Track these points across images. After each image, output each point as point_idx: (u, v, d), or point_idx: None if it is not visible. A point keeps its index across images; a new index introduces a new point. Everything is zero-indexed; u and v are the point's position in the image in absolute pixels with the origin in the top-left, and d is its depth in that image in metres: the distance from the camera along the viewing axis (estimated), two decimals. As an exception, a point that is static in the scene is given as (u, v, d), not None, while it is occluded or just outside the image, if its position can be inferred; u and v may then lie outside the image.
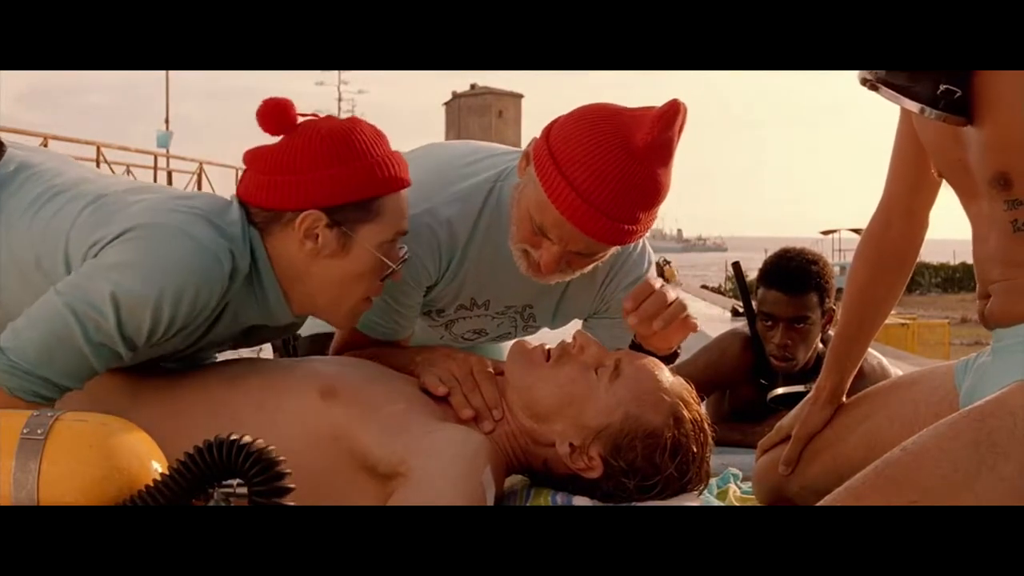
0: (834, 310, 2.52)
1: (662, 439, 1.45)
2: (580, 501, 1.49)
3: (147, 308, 1.32)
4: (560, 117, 1.54)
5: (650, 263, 1.80)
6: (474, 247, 1.66)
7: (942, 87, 1.30)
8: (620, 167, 1.44)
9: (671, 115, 1.46)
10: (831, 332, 2.40)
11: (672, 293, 1.52)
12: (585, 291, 1.77)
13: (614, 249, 1.58)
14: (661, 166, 1.48)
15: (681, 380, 1.53)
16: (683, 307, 1.52)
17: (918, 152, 1.53)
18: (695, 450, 1.48)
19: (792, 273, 2.50)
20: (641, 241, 1.75)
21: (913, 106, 1.32)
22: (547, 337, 1.68)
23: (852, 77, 1.38)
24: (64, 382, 1.34)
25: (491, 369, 1.59)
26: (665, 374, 1.52)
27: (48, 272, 1.40)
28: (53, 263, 1.40)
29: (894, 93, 1.33)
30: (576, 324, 1.85)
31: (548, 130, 1.52)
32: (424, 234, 1.61)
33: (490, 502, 1.39)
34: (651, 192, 1.47)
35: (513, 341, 1.62)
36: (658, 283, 1.53)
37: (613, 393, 1.47)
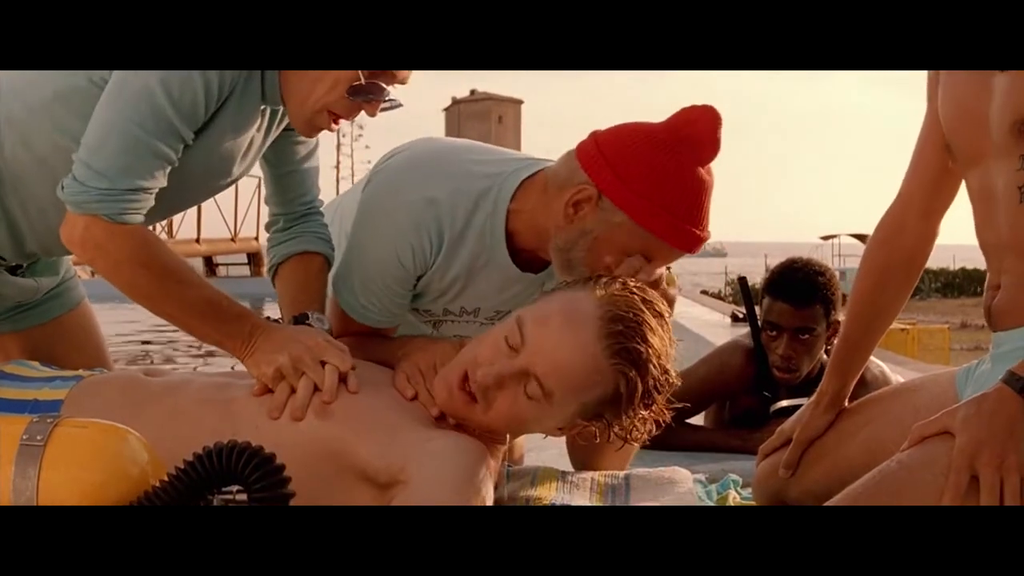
0: (839, 322, 2.51)
1: (623, 398, 1.43)
2: (580, 501, 1.49)
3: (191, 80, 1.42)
4: (622, 153, 1.58)
5: None
6: (466, 246, 1.65)
7: None
8: (702, 187, 1.58)
9: (718, 123, 1.58)
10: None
11: (671, 292, 1.62)
12: None
13: None
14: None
15: (600, 322, 1.42)
16: (668, 298, 1.60)
17: (941, 151, 1.53)
18: (656, 372, 1.43)
19: (799, 284, 2.49)
20: None
21: None
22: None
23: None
24: (149, 184, 1.44)
25: None
26: (576, 349, 1.42)
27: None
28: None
29: None
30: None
31: (616, 168, 1.56)
32: (413, 213, 1.63)
33: None
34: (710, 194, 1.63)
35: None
36: (660, 273, 1.62)
37: (557, 406, 1.44)
